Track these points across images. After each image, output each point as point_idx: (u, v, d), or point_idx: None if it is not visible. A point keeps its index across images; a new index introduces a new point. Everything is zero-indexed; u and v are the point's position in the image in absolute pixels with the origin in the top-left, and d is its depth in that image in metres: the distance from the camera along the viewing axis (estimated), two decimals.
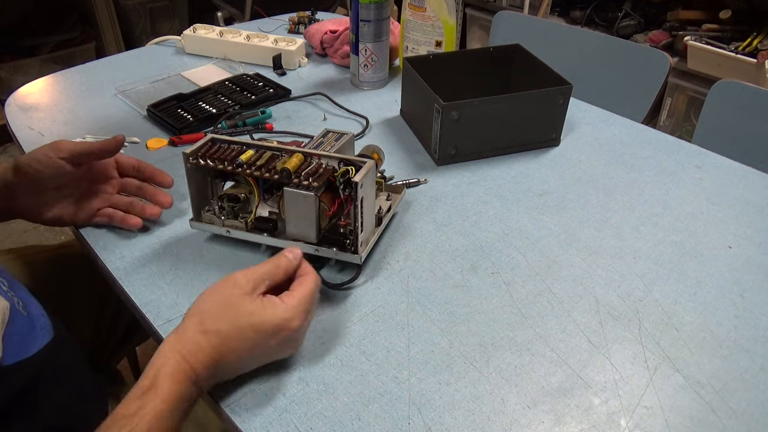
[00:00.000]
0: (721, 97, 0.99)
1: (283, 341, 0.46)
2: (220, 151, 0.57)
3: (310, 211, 0.54)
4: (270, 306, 0.46)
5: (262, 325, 0.45)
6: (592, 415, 0.47)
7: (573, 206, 0.71)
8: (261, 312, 0.45)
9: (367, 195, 0.55)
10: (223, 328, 0.45)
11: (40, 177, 0.58)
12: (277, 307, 0.46)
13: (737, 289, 0.60)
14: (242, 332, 0.45)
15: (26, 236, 1.82)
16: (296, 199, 0.54)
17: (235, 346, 0.45)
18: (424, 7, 0.92)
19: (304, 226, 0.55)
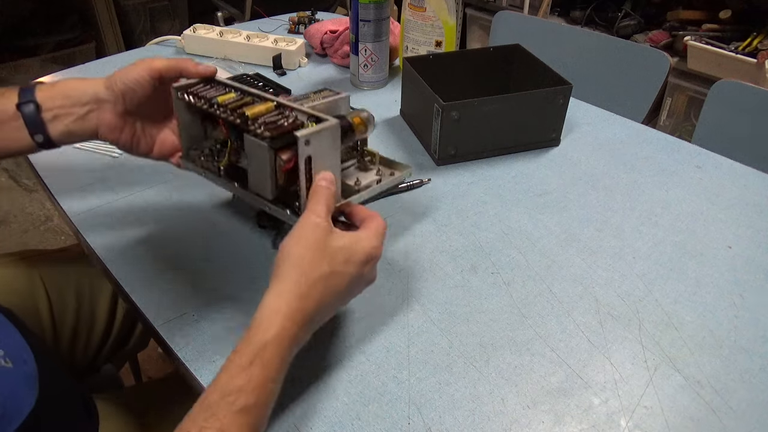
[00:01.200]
0: (721, 97, 0.99)
1: (371, 270, 0.48)
2: (210, 91, 0.54)
3: (264, 162, 0.50)
4: (357, 238, 0.46)
5: (356, 255, 0.46)
6: (591, 415, 0.47)
7: (573, 206, 0.71)
8: (352, 244, 0.46)
9: (320, 156, 0.50)
10: (325, 270, 0.44)
11: (126, 93, 0.55)
12: (362, 237, 0.47)
13: (737, 289, 0.60)
14: (343, 268, 0.45)
15: (26, 236, 1.82)
16: (253, 148, 0.50)
17: (338, 285, 0.45)
18: (424, 7, 0.92)
19: (261, 178, 0.52)
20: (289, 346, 0.42)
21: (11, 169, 2.13)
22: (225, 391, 0.39)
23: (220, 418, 0.38)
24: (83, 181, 0.73)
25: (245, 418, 0.39)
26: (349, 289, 0.46)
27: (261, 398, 0.40)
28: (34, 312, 0.69)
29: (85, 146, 0.80)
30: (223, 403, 0.38)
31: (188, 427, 0.38)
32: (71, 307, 0.73)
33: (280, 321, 0.41)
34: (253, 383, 0.39)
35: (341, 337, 0.53)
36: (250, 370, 0.39)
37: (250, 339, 0.41)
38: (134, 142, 0.58)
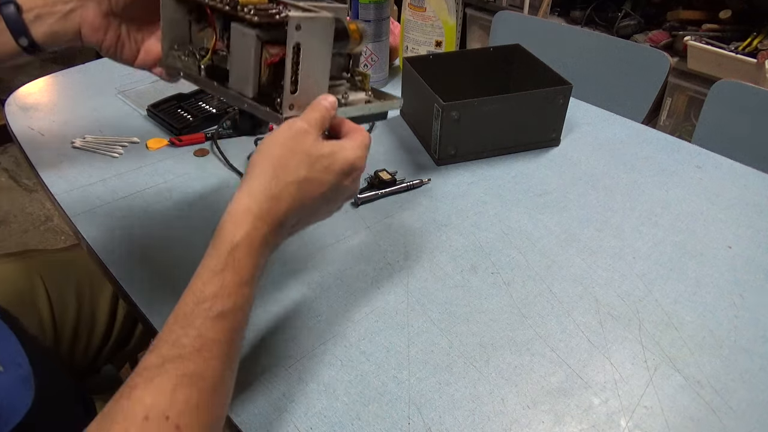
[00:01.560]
0: (721, 97, 0.99)
1: (353, 182, 0.47)
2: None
3: (249, 53, 0.47)
4: (340, 146, 0.45)
5: (337, 164, 0.45)
6: (591, 415, 0.47)
7: (573, 206, 0.71)
8: (335, 152, 0.45)
9: (311, 49, 0.47)
10: (301, 174, 0.43)
11: None
12: (346, 146, 0.46)
13: (737, 289, 0.60)
14: (321, 175, 0.44)
15: (26, 236, 1.82)
16: (239, 37, 0.48)
17: (313, 191, 0.44)
18: (424, 7, 0.92)
19: (243, 73, 0.49)
20: (260, 246, 0.41)
21: (11, 169, 2.13)
22: (199, 299, 0.38)
23: (197, 326, 0.37)
24: (83, 181, 0.73)
25: (222, 324, 0.38)
26: (326, 198, 0.45)
27: (237, 302, 0.39)
28: (34, 312, 0.69)
29: (85, 146, 0.80)
30: (198, 311, 0.38)
31: (166, 336, 0.37)
32: (72, 308, 0.73)
33: (250, 221, 0.40)
34: (228, 288, 0.39)
35: (341, 337, 0.53)
36: (222, 275, 0.39)
37: (221, 241, 0.40)
38: (118, 47, 0.57)
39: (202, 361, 0.37)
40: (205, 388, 0.37)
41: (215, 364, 0.38)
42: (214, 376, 0.38)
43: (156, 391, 0.35)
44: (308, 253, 0.63)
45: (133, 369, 1.02)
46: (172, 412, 0.35)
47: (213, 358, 0.38)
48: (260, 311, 0.56)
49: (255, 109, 0.49)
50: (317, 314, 0.55)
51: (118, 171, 0.76)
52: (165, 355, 0.36)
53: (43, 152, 0.79)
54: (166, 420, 0.34)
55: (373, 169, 0.74)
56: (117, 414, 0.35)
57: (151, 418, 0.34)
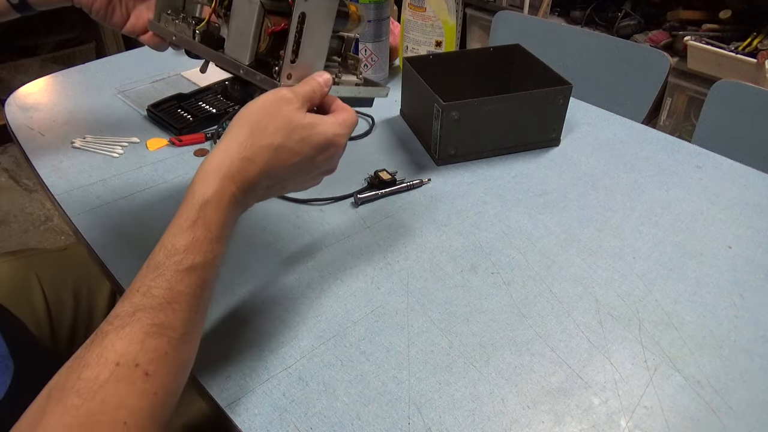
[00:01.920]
0: (721, 97, 0.99)
1: (329, 159, 0.47)
2: None
3: (250, 20, 0.48)
4: (321, 120, 0.46)
5: (314, 137, 0.45)
6: (591, 415, 0.47)
7: (573, 206, 0.71)
8: (315, 125, 0.45)
9: (315, 21, 0.48)
10: (277, 140, 0.44)
11: None
12: (328, 121, 0.46)
13: (737, 289, 0.60)
14: (296, 145, 0.45)
15: (26, 236, 1.82)
16: (243, 3, 0.49)
17: (286, 159, 0.45)
18: (424, 7, 0.92)
19: (241, 40, 0.49)
20: (229, 204, 0.42)
21: (11, 169, 2.13)
22: (170, 251, 0.40)
23: (168, 278, 0.39)
24: (83, 181, 0.73)
25: (192, 277, 0.40)
26: (299, 168, 0.46)
27: (207, 257, 0.41)
28: (30, 310, 0.69)
29: (85, 146, 0.80)
30: (169, 263, 0.39)
31: (138, 286, 0.39)
32: (68, 306, 0.73)
33: (220, 179, 0.42)
34: (198, 243, 0.40)
35: (341, 337, 0.53)
36: (193, 230, 0.40)
37: (192, 197, 0.41)
38: (108, 10, 0.57)
39: (172, 312, 0.39)
40: (174, 338, 0.39)
41: (184, 315, 0.39)
42: (183, 326, 0.39)
43: (127, 339, 0.37)
44: (308, 253, 0.63)
45: None
46: (142, 359, 0.36)
47: (182, 309, 0.39)
48: (260, 311, 0.56)
49: (251, 75, 0.49)
50: (317, 314, 0.56)
51: (118, 171, 0.76)
52: (136, 304, 0.38)
53: (43, 152, 0.79)
54: (135, 367, 0.36)
55: (373, 169, 0.74)
56: (89, 359, 0.36)
57: (122, 365, 0.36)
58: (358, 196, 0.71)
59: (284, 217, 0.68)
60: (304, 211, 0.69)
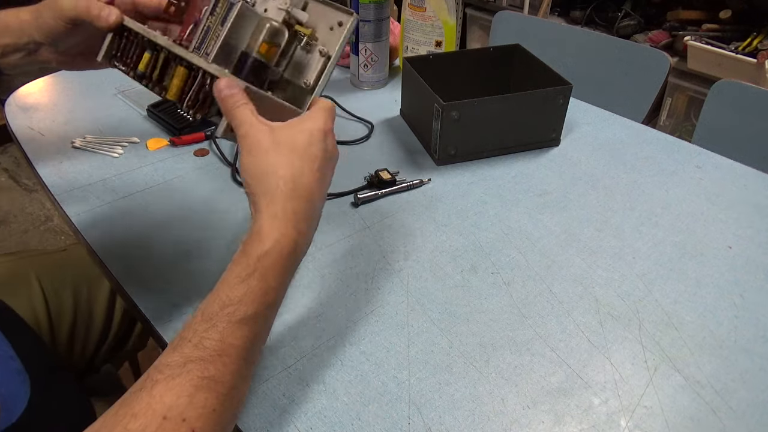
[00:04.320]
0: (721, 97, 0.99)
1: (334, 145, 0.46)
2: (129, 49, 0.51)
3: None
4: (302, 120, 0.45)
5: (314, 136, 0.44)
6: (591, 415, 0.47)
7: (573, 206, 0.71)
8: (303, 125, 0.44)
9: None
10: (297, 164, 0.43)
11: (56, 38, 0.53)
12: (306, 117, 0.45)
13: (737, 289, 0.60)
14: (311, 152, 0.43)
15: (26, 236, 1.82)
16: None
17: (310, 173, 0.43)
18: (424, 7, 0.92)
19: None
20: (290, 253, 0.41)
21: (11, 169, 2.13)
22: (224, 303, 0.39)
23: (220, 330, 0.38)
24: (83, 181, 0.73)
25: (244, 329, 0.39)
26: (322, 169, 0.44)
27: (260, 309, 0.40)
28: (30, 311, 0.69)
29: (85, 146, 0.80)
30: (222, 315, 0.38)
31: (189, 335, 0.38)
32: (68, 307, 0.73)
33: (277, 227, 0.41)
34: (252, 294, 0.39)
35: (341, 337, 0.53)
36: (248, 281, 0.39)
37: (248, 250, 0.41)
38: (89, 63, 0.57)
39: (222, 366, 0.38)
40: (223, 393, 0.38)
41: (234, 368, 0.38)
42: (232, 379, 0.38)
43: (176, 392, 0.36)
44: (308, 252, 0.63)
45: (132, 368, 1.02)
46: (189, 414, 0.36)
47: (232, 362, 0.38)
48: None
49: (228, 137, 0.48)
50: (317, 314, 0.56)
51: (118, 171, 0.76)
52: (187, 355, 0.37)
53: (43, 152, 0.79)
54: (182, 422, 0.35)
55: (373, 169, 0.74)
56: (136, 407, 0.36)
57: (169, 418, 0.35)
58: (358, 196, 0.71)
59: None
60: None
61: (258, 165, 0.43)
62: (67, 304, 0.73)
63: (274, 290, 0.41)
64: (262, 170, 0.43)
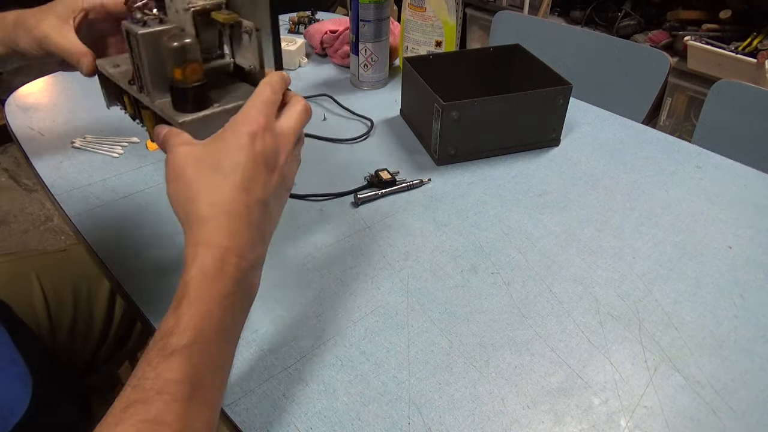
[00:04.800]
0: (721, 97, 0.99)
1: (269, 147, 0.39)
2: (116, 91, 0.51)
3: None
4: (221, 136, 0.40)
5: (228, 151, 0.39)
6: (591, 415, 0.47)
7: (573, 206, 0.71)
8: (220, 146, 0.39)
9: None
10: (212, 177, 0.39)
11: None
12: (227, 127, 0.40)
13: (737, 289, 0.60)
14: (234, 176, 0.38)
15: (26, 236, 1.82)
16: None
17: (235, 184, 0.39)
18: (424, 7, 0.92)
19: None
20: (217, 272, 0.37)
21: (11, 169, 2.13)
22: (156, 337, 0.36)
23: (154, 365, 0.34)
24: (83, 181, 0.73)
25: (180, 361, 0.34)
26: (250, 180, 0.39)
27: (198, 336, 0.35)
28: (30, 311, 0.69)
29: (85, 146, 0.80)
30: (155, 349, 0.35)
31: (131, 378, 0.35)
32: (68, 307, 0.73)
33: (199, 251, 0.37)
34: (184, 322, 0.35)
35: (341, 337, 0.53)
36: (178, 310, 0.36)
37: (179, 281, 0.37)
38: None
39: (163, 405, 0.33)
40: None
41: (177, 408, 0.34)
42: (178, 421, 0.33)
43: None
44: (308, 253, 0.63)
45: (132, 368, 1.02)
46: None
47: (174, 400, 0.34)
48: (261, 311, 0.56)
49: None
50: (317, 314, 0.56)
51: (118, 171, 0.76)
52: (128, 399, 0.34)
53: (43, 152, 0.79)
54: None
55: (373, 169, 0.74)
56: None
57: None
58: (358, 196, 0.71)
59: (284, 218, 0.68)
60: (304, 211, 0.69)
61: (178, 192, 0.40)
62: (67, 304, 0.73)
63: (214, 314, 0.36)
64: (183, 197, 0.40)
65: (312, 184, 0.72)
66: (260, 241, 0.40)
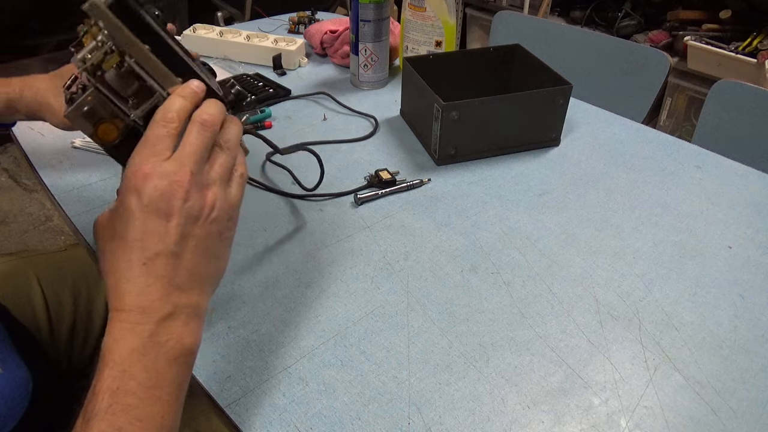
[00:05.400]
0: (721, 97, 0.99)
1: (157, 195, 0.36)
2: None
3: None
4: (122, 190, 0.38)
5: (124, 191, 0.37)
6: (591, 415, 0.47)
7: (573, 206, 0.71)
8: (119, 202, 0.37)
9: None
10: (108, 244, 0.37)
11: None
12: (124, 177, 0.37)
13: (737, 289, 0.60)
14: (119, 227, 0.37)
15: (26, 236, 1.82)
16: None
17: (126, 246, 0.36)
18: (424, 7, 0.92)
19: None
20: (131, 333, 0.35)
21: (11, 169, 2.13)
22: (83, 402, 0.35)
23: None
24: (83, 181, 0.73)
25: (97, 427, 0.33)
26: (124, 246, 0.36)
27: (116, 399, 0.34)
28: (29, 311, 0.69)
29: (85, 146, 0.80)
30: (79, 420, 0.34)
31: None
32: (67, 307, 0.73)
33: (111, 318, 0.36)
34: (98, 387, 0.35)
35: (341, 337, 0.53)
36: (96, 376, 0.35)
37: None
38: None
39: None
40: None
41: None
42: None
43: None
44: (308, 253, 0.63)
45: None
46: None
47: None
48: (261, 311, 0.56)
49: None
50: (317, 314, 0.55)
51: (118, 171, 0.75)
52: None
53: (43, 152, 0.79)
54: None
55: (373, 169, 0.74)
56: None
57: None
58: (358, 196, 0.71)
59: (284, 218, 0.68)
60: (304, 211, 0.69)
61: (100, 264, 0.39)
62: (67, 304, 0.73)
63: (128, 373, 0.35)
64: (102, 269, 0.38)
65: (312, 184, 0.72)
66: (177, 291, 0.37)
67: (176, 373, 0.37)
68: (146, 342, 0.35)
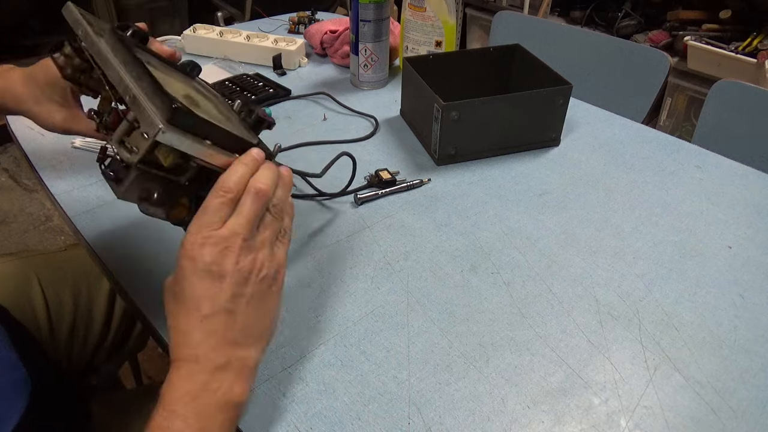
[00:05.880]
0: (721, 97, 0.99)
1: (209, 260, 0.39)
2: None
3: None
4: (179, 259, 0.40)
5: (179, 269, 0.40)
6: (591, 415, 0.47)
7: (573, 206, 0.71)
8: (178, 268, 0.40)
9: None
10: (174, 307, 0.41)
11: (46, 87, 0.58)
12: (180, 246, 0.40)
13: (737, 289, 0.60)
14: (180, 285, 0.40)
15: (26, 236, 1.82)
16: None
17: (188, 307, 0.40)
18: (424, 7, 0.92)
19: None
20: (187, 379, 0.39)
21: (11, 169, 2.13)
22: None
23: None
24: (83, 181, 0.73)
25: None
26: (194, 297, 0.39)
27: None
28: (29, 311, 0.69)
29: (85, 146, 0.80)
30: None
31: None
32: (67, 306, 0.73)
33: (172, 366, 0.39)
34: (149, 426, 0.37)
35: (341, 337, 0.53)
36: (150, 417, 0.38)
37: None
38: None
39: None
40: None
41: None
42: None
43: None
44: (308, 252, 0.63)
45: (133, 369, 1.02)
46: None
47: None
48: None
49: None
50: (317, 314, 0.56)
51: None
52: None
53: (43, 152, 0.79)
54: None
55: (373, 169, 0.74)
56: None
57: None
58: (358, 196, 0.71)
59: None
60: (304, 210, 0.69)
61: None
62: (67, 304, 0.73)
63: (178, 413, 0.37)
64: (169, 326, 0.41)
65: (312, 182, 0.72)
66: (231, 344, 0.40)
67: (223, 420, 0.39)
68: (199, 388, 0.38)
